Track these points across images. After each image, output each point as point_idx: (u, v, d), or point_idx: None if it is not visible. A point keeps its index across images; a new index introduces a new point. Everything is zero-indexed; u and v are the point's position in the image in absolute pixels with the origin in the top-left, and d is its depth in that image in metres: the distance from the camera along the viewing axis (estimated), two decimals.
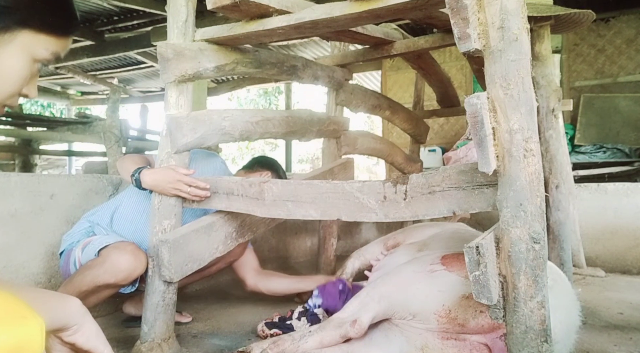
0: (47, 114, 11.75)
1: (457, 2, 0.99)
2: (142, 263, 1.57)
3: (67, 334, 0.77)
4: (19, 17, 0.67)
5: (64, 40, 0.74)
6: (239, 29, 1.58)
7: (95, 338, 0.79)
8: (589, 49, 5.35)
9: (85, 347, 0.78)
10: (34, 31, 0.69)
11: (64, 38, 0.74)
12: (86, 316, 0.79)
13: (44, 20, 0.70)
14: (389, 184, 1.26)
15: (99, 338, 0.80)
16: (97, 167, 5.53)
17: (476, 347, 1.32)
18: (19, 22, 0.68)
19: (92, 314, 0.83)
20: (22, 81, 0.71)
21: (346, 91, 2.54)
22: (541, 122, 2.12)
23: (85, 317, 0.79)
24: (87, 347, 0.78)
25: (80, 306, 0.79)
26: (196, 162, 1.89)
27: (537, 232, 0.99)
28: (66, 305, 0.78)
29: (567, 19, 2.12)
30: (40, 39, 0.70)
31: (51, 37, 0.72)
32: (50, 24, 0.71)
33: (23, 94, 0.74)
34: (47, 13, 0.71)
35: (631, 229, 3.08)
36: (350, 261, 2.30)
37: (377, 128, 9.28)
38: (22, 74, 0.71)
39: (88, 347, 0.78)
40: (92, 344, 0.79)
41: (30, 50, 0.70)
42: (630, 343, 1.68)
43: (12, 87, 0.70)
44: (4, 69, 0.68)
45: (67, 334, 0.77)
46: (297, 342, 1.45)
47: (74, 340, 0.77)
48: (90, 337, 0.78)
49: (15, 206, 1.82)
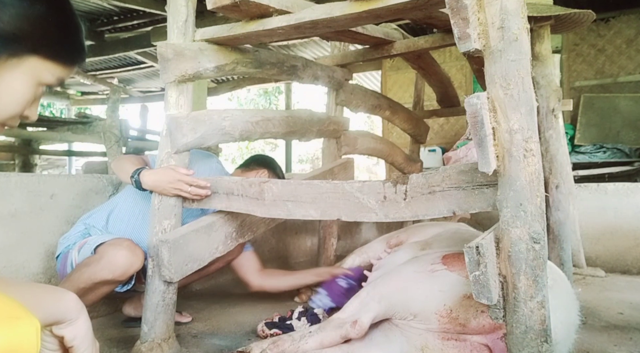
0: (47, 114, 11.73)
1: (457, 2, 0.99)
2: (139, 258, 1.57)
3: (59, 327, 0.77)
4: (31, 45, 0.69)
5: (70, 68, 0.76)
6: (239, 29, 1.58)
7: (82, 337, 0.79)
8: (589, 49, 5.35)
9: (70, 343, 0.78)
10: (43, 58, 0.71)
11: (71, 67, 0.76)
12: (81, 312, 0.79)
13: (54, 49, 0.72)
14: (389, 184, 1.26)
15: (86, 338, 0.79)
16: (97, 167, 5.53)
17: (477, 347, 1.31)
18: (30, 49, 0.69)
19: (91, 314, 0.83)
20: (25, 103, 0.73)
21: (346, 91, 2.54)
22: (541, 122, 2.12)
23: (80, 313, 0.79)
24: (72, 344, 0.78)
25: (77, 302, 0.79)
26: (193, 162, 1.89)
27: (537, 232, 0.99)
28: (62, 299, 0.77)
29: (567, 19, 2.12)
30: (48, 65, 0.72)
31: (59, 65, 0.73)
32: (60, 53, 0.73)
33: (24, 115, 0.75)
34: (59, 43, 0.72)
35: (631, 229, 3.08)
36: (352, 257, 2.30)
37: (377, 128, 9.28)
38: (26, 97, 0.72)
39: (72, 344, 0.78)
40: (77, 343, 0.78)
41: (37, 75, 0.71)
42: (630, 343, 1.68)
43: (15, 109, 0.72)
44: (9, 91, 0.70)
45: (59, 327, 0.77)
46: (297, 343, 1.45)
47: (63, 333, 0.77)
48: (78, 334, 0.78)
49: (15, 206, 1.82)
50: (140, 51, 6.73)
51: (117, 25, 6.28)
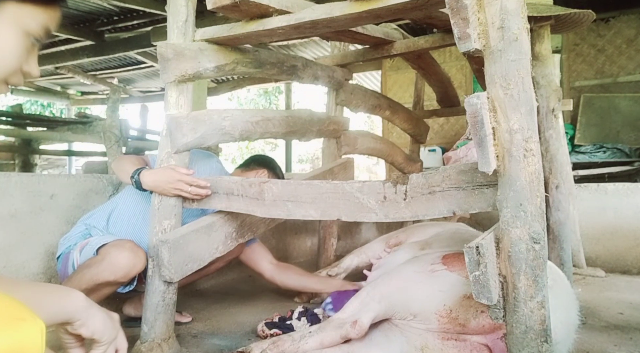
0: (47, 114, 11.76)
1: (457, 2, 0.99)
2: (141, 260, 1.57)
3: (72, 328, 0.77)
4: None
5: (50, 11, 0.74)
6: (239, 29, 1.58)
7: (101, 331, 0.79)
8: (589, 49, 5.35)
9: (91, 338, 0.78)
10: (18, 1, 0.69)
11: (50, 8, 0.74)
12: (91, 309, 0.79)
13: None
14: (389, 184, 1.26)
15: (105, 330, 0.79)
16: (97, 167, 5.53)
17: (476, 347, 1.31)
18: None
19: None
20: (17, 55, 0.71)
21: (346, 91, 2.54)
22: (541, 122, 2.12)
23: (90, 311, 0.78)
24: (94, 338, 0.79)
25: (84, 300, 0.79)
26: (194, 162, 1.89)
27: (537, 232, 0.99)
28: (69, 299, 0.77)
29: (567, 19, 2.12)
30: (26, 10, 0.70)
31: (36, 7, 0.71)
32: None
33: (25, 71, 0.73)
34: None
35: (631, 229, 3.08)
36: (350, 257, 2.30)
37: (377, 128, 9.28)
38: (16, 48, 0.70)
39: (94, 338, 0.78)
40: (97, 337, 0.78)
41: (19, 22, 0.70)
42: (630, 343, 1.68)
43: (9, 63, 0.70)
44: None
45: (72, 328, 0.77)
46: (297, 343, 1.45)
47: (79, 332, 0.77)
48: (96, 329, 0.78)
49: (15, 206, 1.82)
50: (140, 51, 6.73)
51: (117, 25, 6.28)
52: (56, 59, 7.13)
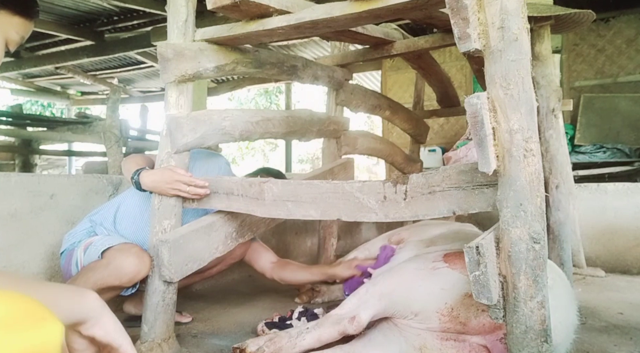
0: (47, 114, 11.76)
1: (457, 2, 0.99)
2: (147, 265, 1.57)
3: (85, 328, 0.77)
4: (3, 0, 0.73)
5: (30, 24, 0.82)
6: (239, 29, 1.58)
7: (113, 332, 0.79)
8: (589, 49, 5.34)
9: (104, 340, 0.78)
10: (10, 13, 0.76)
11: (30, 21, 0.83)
12: (104, 310, 0.79)
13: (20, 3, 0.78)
14: (389, 184, 1.26)
15: (117, 331, 0.79)
16: (97, 167, 5.53)
17: (475, 348, 1.31)
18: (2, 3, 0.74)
19: None
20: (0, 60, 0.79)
21: (346, 91, 2.54)
22: (541, 122, 2.11)
23: (103, 311, 0.79)
24: (106, 341, 0.78)
25: (97, 300, 0.79)
26: (200, 162, 1.89)
27: (537, 232, 0.99)
28: (83, 299, 0.77)
29: (567, 19, 2.12)
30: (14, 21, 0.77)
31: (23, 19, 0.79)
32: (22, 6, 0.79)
33: None
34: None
35: (631, 229, 3.08)
36: (353, 253, 2.29)
37: (377, 128, 9.28)
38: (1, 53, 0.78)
39: (107, 340, 0.78)
40: (111, 337, 0.78)
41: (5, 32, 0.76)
42: (630, 343, 1.68)
43: None
44: None
45: (85, 328, 0.77)
46: (295, 339, 1.44)
47: (92, 333, 0.77)
48: (109, 330, 0.78)
49: (15, 206, 1.82)
50: (140, 51, 6.73)
51: (117, 25, 6.28)
52: (56, 59, 7.13)
